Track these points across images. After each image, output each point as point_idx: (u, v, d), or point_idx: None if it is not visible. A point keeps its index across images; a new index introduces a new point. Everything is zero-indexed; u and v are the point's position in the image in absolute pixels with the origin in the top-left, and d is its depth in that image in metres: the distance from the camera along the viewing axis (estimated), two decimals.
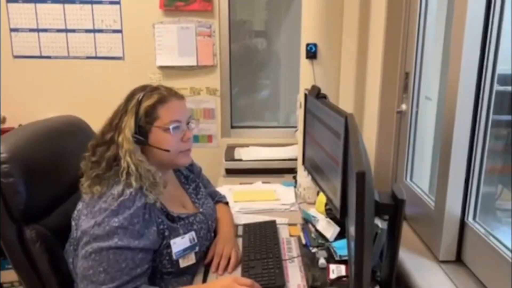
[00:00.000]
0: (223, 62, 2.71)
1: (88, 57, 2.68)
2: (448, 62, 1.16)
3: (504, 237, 1.04)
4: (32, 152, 1.22)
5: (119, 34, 2.64)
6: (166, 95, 1.23)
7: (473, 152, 1.12)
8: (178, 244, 1.20)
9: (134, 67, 2.67)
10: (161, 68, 2.68)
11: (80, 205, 1.19)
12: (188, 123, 1.28)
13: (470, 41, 1.07)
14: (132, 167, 1.15)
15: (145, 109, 1.20)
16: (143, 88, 1.26)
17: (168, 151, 1.22)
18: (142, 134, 1.20)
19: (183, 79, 2.69)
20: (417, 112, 1.48)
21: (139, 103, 1.20)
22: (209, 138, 2.79)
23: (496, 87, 1.08)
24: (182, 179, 1.44)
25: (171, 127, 1.21)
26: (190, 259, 1.24)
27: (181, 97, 1.28)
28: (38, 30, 2.64)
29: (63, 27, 2.63)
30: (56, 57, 2.68)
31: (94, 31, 2.64)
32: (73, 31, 2.64)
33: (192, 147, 1.31)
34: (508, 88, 1.14)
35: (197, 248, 1.26)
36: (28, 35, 2.64)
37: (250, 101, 2.96)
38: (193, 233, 1.26)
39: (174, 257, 1.19)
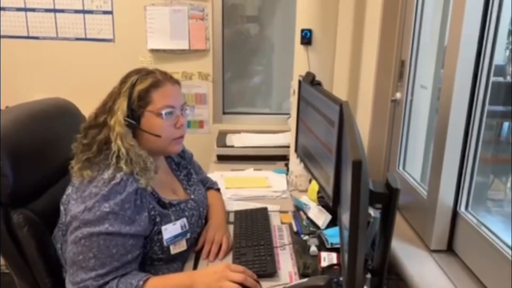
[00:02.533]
0: (216, 46, 2.66)
1: (77, 39, 2.62)
2: (443, 50, 1.15)
3: (493, 227, 1.05)
4: (20, 135, 1.19)
5: (110, 16, 2.58)
6: (160, 79, 1.21)
7: (467, 142, 1.12)
8: (169, 230, 1.19)
9: (124, 50, 2.62)
10: (152, 51, 2.63)
11: (69, 189, 1.17)
12: (182, 109, 1.25)
13: (468, 30, 1.05)
14: (123, 150, 1.13)
15: (138, 92, 1.18)
16: (138, 71, 1.23)
17: (159, 136, 1.20)
18: (134, 118, 1.17)
19: (174, 63, 2.65)
20: (411, 100, 1.47)
21: (133, 86, 1.18)
22: (201, 124, 2.76)
23: None
24: (173, 166, 1.42)
25: (163, 112, 1.19)
26: (181, 246, 1.23)
27: (175, 82, 1.26)
28: (25, 9, 2.56)
29: (51, 6, 2.56)
30: (44, 38, 2.61)
31: (83, 11, 2.57)
32: (62, 11, 2.57)
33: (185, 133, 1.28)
34: (499, 78, 1.13)
35: (188, 235, 1.25)
36: (15, 14, 2.57)
37: (242, 87, 2.93)
38: (184, 219, 1.24)
39: (165, 243, 1.18)
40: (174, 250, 1.21)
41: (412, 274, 1.10)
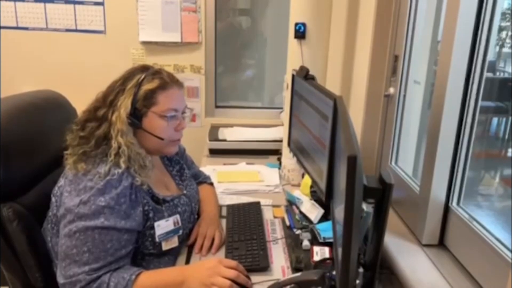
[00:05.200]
0: (208, 39, 2.64)
1: (67, 30, 2.58)
2: (436, 46, 1.15)
3: (483, 221, 1.06)
4: (9, 128, 1.17)
5: (101, 7, 2.55)
6: (168, 82, 1.19)
7: (460, 138, 1.12)
8: (162, 227, 1.18)
9: (115, 42, 2.59)
10: (144, 43, 2.61)
11: (62, 181, 1.15)
12: (183, 113, 1.25)
13: (462, 26, 1.05)
14: (124, 148, 1.12)
15: (144, 92, 1.16)
16: (143, 68, 1.21)
17: (162, 139, 1.19)
18: (136, 117, 1.16)
19: (166, 55, 2.63)
20: (404, 96, 1.47)
21: (139, 84, 1.16)
22: (193, 117, 2.74)
23: None
24: (166, 161, 1.41)
25: (168, 115, 1.18)
26: (173, 242, 1.23)
27: (181, 86, 1.25)
28: None
29: None
30: (33, 29, 2.57)
31: (74, 2, 2.53)
32: (51, 1, 2.52)
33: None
34: (489, 74, 1.14)
35: (180, 232, 1.24)
36: (3, 4, 2.52)
37: (235, 81, 2.91)
38: (177, 216, 1.24)
39: (157, 239, 1.18)
40: (165, 246, 1.21)
41: (403, 268, 1.11)
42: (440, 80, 1.13)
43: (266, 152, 2.22)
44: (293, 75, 1.67)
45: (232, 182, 1.83)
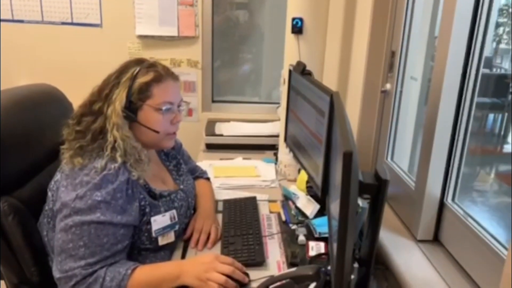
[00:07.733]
0: (205, 33, 2.63)
1: (63, 23, 2.56)
2: (433, 41, 1.15)
3: (478, 217, 1.07)
4: (5, 122, 1.16)
5: (97, 0, 2.53)
6: (163, 75, 1.19)
7: (455, 134, 1.13)
8: (159, 222, 1.18)
9: (112, 36, 2.58)
10: (141, 37, 2.59)
11: (58, 176, 1.15)
12: (178, 106, 1.24)
13: (459, 22, 1.06)
14: (119, 142, 1.11)
15: (139, 85, 1.15)
16: (138, 61, 1.20)
17: (157, 132, 1.19)
18: (132, 110, 1.15)
19: (163, 49, 2.62)
20: (401, 92, 1.47)
21: (134, 77, 1.15)
22: (189, 112, 2.74)
23: None
24: (163, 156, 1.41)
25: (163, 108, 1.18)
26: (169, 238, 1.23)
27: (176, 79, 1.24)
28: None
29: None
30: (29, 22, 2.55)
31: None
32: None
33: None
34: (485, 70, 1.14)
35: (176, 227, 1.24)
36: None
37: (232, 75, 2.91)
38: (174, 211, 1.23)
39: (153, 234, 1.17)
40: (162, 241, 1.21)
41: (398, 263, 1.11)
42: (436, 76, 1.13)
43: (263, 147, 2.22)
44: (290, 70, 1.67)
45: (228, 177, 1.83)
